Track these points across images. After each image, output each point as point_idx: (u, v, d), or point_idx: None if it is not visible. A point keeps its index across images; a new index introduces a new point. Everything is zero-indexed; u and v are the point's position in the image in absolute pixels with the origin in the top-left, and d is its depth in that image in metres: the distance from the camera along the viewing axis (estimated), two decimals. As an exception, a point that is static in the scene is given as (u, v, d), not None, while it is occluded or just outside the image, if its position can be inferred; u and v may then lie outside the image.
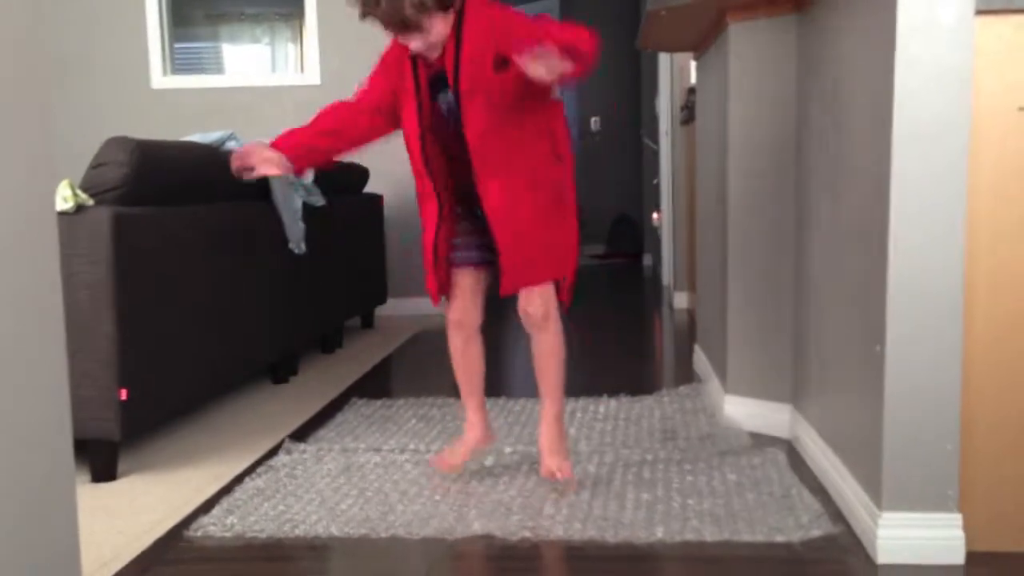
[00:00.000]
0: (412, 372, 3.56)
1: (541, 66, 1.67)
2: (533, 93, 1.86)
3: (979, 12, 1.58)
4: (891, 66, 1.60)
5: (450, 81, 1.89)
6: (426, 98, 1.96)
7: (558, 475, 2.04)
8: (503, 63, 1.82)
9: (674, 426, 2.57)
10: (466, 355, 2.18)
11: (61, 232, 1.23)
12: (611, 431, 2.53)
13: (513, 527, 1.85)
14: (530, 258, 1.99)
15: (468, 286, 2.12)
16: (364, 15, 1.85)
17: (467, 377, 2.20)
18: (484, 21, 1.88)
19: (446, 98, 1.94)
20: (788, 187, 2.43)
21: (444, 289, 2.10)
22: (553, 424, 2.11)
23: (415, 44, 1.87)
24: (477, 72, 1.87)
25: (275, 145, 1.98)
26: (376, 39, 2.03)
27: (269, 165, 1.95)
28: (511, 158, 1.93)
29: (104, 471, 2.19)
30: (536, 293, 2.03)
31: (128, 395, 2.17)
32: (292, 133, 2.02)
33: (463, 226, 2.08)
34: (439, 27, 1.84)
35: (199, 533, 1.86)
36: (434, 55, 1.90)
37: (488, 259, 2.08)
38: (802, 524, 1.82)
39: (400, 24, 1.82)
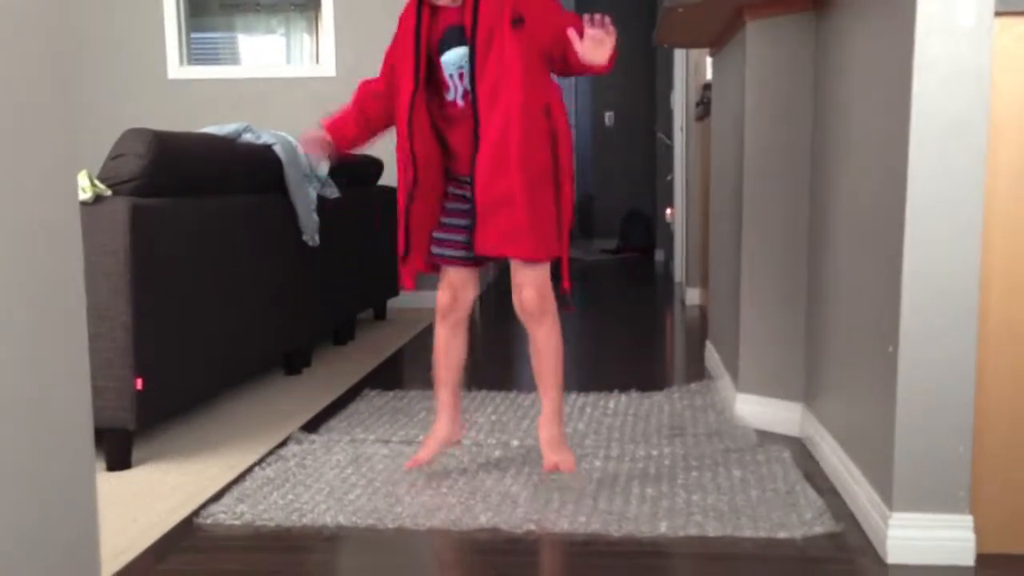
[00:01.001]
0: (424, 364, 3.52)
1: (596, 49, 1.83)
2: (537, 64, 1.93)
3: (998, 13, 1.57)
4: (909, 66, 1.60)
5: (467, 32, 1.92)
6: (423, 57, 1.97)
7: (560, 467, 2.02)
8: (519, 21, 1.90)
9: (683, 423, 2.58)
10: (449, 347, 2.14)
11: (81, 223, 1.23)
12: (620, 426, 2.54)
13: (519, 520, 1.86)
14: (512, 228, 1.94)
15: (459, 280, 2.09)
16: None
17: (445, 370, 2.16)
18: None
19: (456, 55, 1.95)
20: (803, 185, 2.43)
21: (415, 270, 2.07)
22: (552, 420, 2.08)
23: None
24: (495, 25, 1.90)
25: (325, 127, 2.06)
26: (392, 30, 2.05)
27: (314, 146, 2.08)
28: (509, 124, 1.91)
29: (119, 460, 2.21)
30: (529, 281, 2.01)
31: (143, 385, 2.19)
32: (337, 119, 2.08)
33: (449, 211, 2.06)
34: None
35: (209, 521, 1.88)
36: (455, 2, 1.94)
37: (478, 258, 2.06)
38: (805, 521, 1.83)
39: None
